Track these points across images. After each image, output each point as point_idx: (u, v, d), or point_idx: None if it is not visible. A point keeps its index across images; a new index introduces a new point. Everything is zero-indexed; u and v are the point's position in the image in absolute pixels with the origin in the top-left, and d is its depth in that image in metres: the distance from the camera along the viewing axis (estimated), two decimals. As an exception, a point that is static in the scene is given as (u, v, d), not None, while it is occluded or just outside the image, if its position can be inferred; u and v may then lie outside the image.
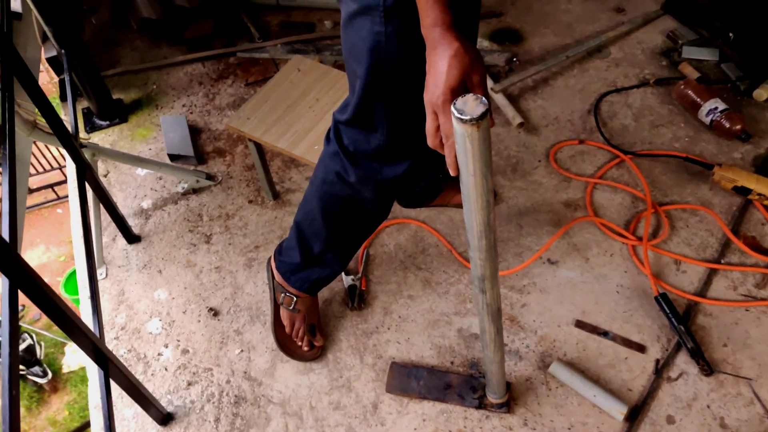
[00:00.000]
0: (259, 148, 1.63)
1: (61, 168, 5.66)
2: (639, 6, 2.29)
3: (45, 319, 4.92)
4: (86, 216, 1.35)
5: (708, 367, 1.42)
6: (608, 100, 2.00)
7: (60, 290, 4.45)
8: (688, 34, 2.16)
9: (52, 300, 0.89)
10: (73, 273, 3.41)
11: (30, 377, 3.75)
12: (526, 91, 2.05)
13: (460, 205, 1.73)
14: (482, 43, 2.21)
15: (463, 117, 0.68)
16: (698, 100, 1.90)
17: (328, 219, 1.26)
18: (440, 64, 0.76)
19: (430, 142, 0.83)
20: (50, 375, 3.99)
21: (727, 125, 1.84)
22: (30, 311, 4.30)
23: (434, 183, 1.66)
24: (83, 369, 4.74)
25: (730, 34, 2.04)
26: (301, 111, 1.56)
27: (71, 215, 1.78)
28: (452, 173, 0.81)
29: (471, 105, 0.69)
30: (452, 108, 0.69)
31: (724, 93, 1.97)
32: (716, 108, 1.86)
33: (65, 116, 2.01)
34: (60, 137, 1.36)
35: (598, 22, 2.26)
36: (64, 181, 5.45)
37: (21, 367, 3.75)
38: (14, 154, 1.04)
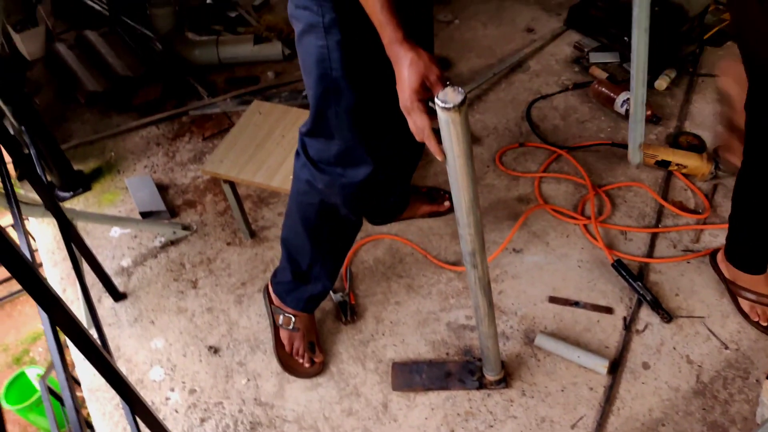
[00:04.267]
0: (234, 188, 1.73)
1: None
2: (545, 24, 2.60)
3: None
4: (80, 270, 1.40)
5: (667, 315, 1.60)
6: (537, 106, 2.25)
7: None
8: (591, 42, 2.47)
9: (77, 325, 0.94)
10: (17, 378, 3.11)
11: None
12: (463, 109, 2.27)
13: (426, 215, 1.88)
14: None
15: (446, 105, 0.84)
16: (612, 94, 2.17)
17: (308, 230, 1.38)
18: (402, 73, 0.92)
19: (417, 138, 0.97)
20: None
21: (640, 112, 2.11)
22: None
23: (403, 196, 1.81)
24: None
25: (626, 38, 2.36)
26: (271, 147, 1.69)
27: (51, 280, 1.80)
28: (439, 159, 0.95)
29: (451, 95, 0.85)
30: (436, 100, 0.85)
31: (631, 87, 2.27)
32: (628, 99, 2.13)
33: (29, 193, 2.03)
34: (44, 199, 1.41)
35: (514, 42, 2.54)
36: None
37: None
38: None
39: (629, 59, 2.39)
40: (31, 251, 1.34)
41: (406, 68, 0.92)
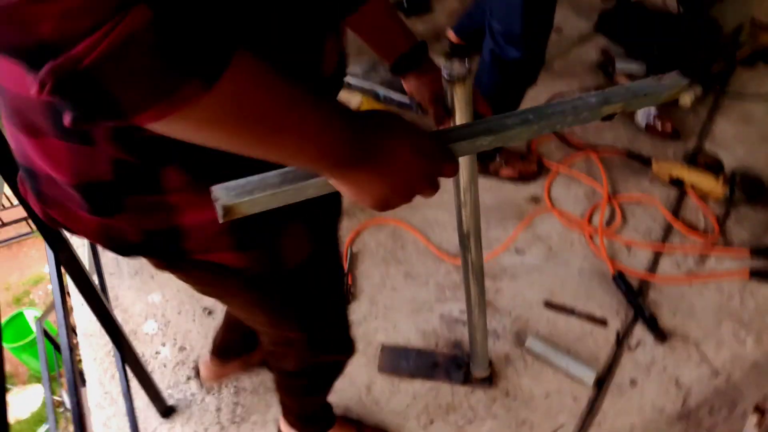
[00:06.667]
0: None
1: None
2: (575, 26, 2.56)
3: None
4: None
5: (662, 335, 1.60)
6: (557, 109, 2.22)
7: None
8: (618, 50, 2.43)
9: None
10: (14, 318, 3.15)
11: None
12: (484, 103, 2.25)
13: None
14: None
15: (450, 78, 0.83)
16: (634, 106, 2.14)
17: None
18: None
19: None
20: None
21: (659, 127, 2.09)
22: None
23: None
24: (34, 416, 4.49)
25: (654, 50, 2.32)
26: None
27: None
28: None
29: (457, 68, 0.84)
30: (443, 71, 0.84)
31: (655, 101, 2.23)
32: (649, 113, 2.11)
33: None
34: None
35: (543, 42, 2.50)
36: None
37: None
38: None
39: (656, 71, 2.36)
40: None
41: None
